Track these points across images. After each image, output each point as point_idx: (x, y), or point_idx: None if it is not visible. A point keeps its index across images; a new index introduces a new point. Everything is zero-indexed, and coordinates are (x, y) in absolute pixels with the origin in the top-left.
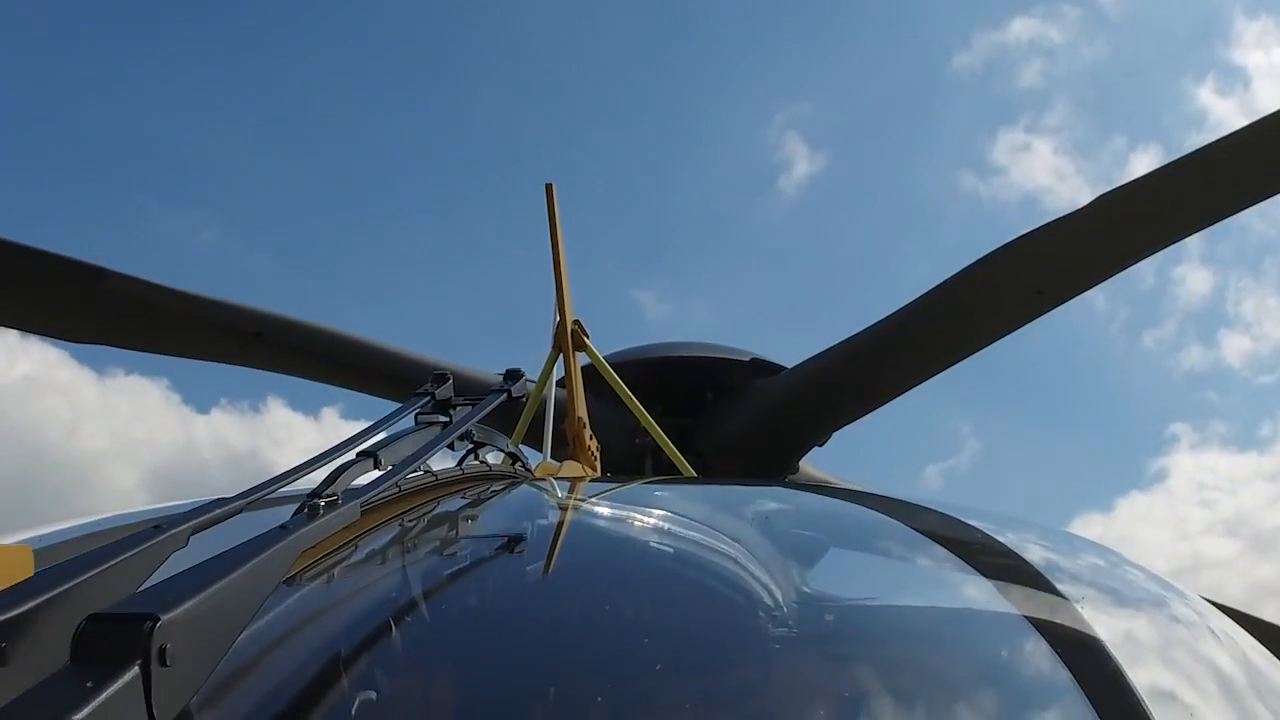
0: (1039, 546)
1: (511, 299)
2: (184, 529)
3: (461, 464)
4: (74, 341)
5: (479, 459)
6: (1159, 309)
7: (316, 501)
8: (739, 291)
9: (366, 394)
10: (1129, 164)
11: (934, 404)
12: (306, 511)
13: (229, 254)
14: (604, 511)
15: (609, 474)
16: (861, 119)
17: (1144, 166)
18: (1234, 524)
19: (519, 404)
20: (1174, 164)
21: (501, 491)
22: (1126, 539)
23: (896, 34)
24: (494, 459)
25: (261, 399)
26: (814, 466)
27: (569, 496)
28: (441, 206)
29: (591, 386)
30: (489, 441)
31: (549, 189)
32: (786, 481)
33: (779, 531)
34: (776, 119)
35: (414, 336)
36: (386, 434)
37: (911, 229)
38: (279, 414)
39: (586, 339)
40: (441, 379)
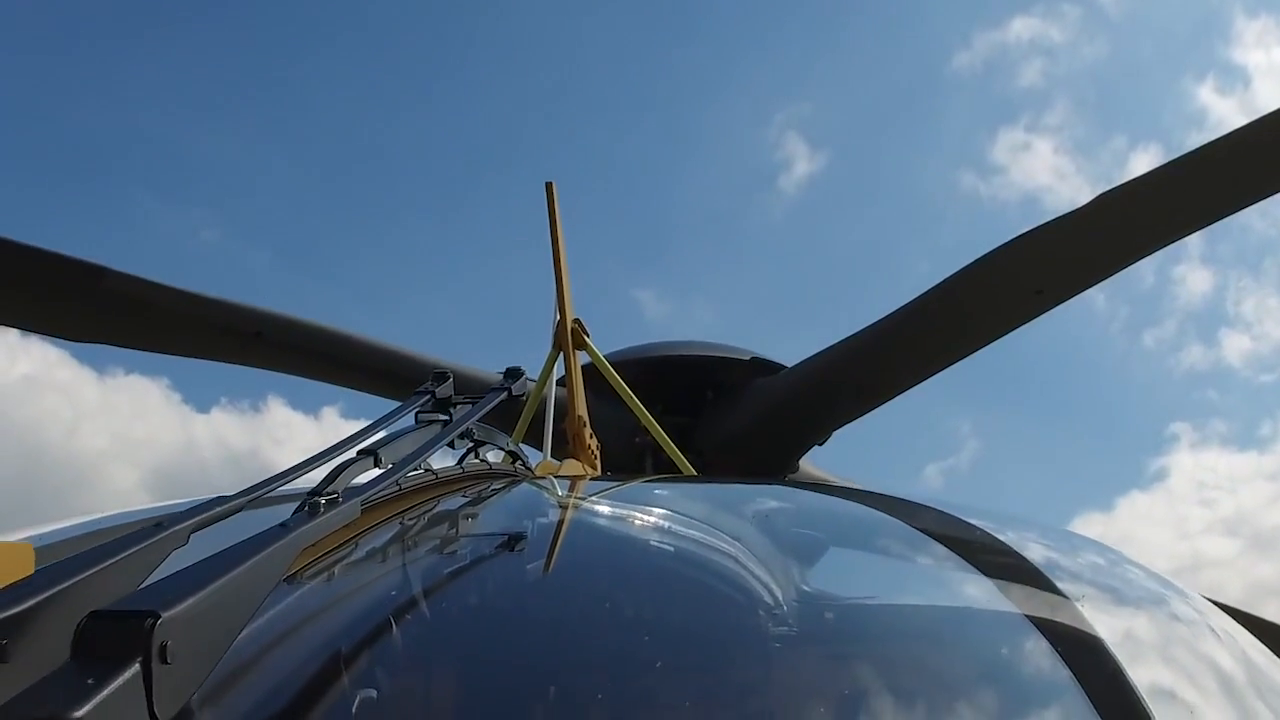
0: (1039, 545)
1: (511, 298)
2: (184, 527)
3: (462, 462)
4: (74, 340)
5: (479, 457)
6: (1159, 308)
7: (317, 500)
8: (739, 291)
9: (366, 393)
10: (1129, 163)
11: (934, 403)
12: (307, 510)
13: (229, 253)
14: (605, 510)
15: (609, 473)
16: (862, 118)
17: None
18: (1234, 523)
19: (519, 403)
20: (1174, 163)
21: (502, 490)
22: (1127, 538)
23: (897, 33)
24: (494, 458)
25: (262, 398)
26: (814, 466)
27: (569, 495)
28: (442, 205)
29: (592, 385)
30: (489, 440)
31: (549, 187)
32: (787, 480)
33: (779, 530)
34: (777, 118)
35: (414, 335)
36: (386, 432)
37: (912, 228)
38: (279, 413)
39: (587, 338)
40: (442, 377)
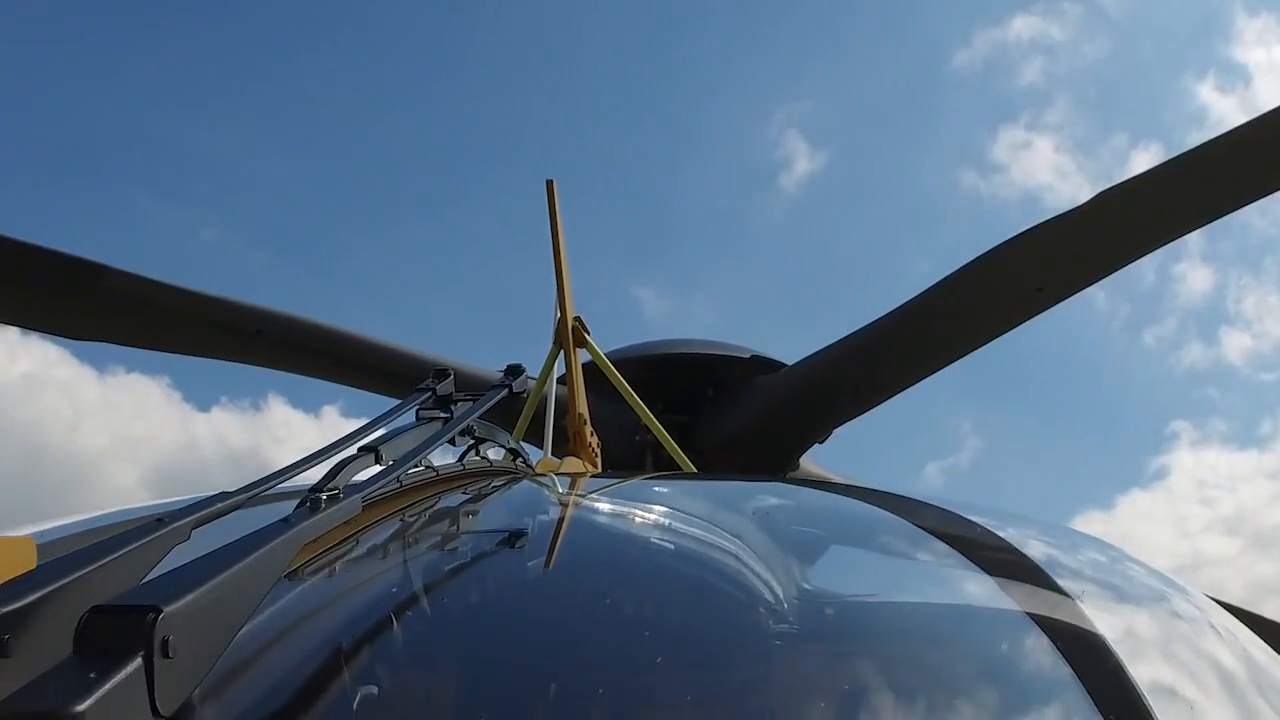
0: (1040, 542)
1: (512, 296)
2: (186, 523)
3: (463, 460)
4: (74, 338)
5: (480, 455)
6: (1159, 306)
7: (318, 496)
8: (739, 289)
9: (367, 391)
10: (1130, 161)
11: (935, 402)
12: (308, 506)
13: (229, 251)
14: (606, 507)
15: (610, 471)
16: (862, 116)
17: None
18: (1234, 522)
19: (520, 400)
20: (1174, 161)
21: (503, 487)
22: (1127, 536)
23: (897, 32)
24: (495, 455)
25: (262, 397)
26: (814, 464)
27: (570, 492)
28: (442, 203)
29: (592, 383)
30: (490, 437)
31: (549, 185)
32: (787, 478)
33: (780, 527)
34: (777, 116)
35: (414, 334)
36: (387, 429)
37: (912, 226)
38: (279, 412)
39: (587, 335)
40: (443, 375)
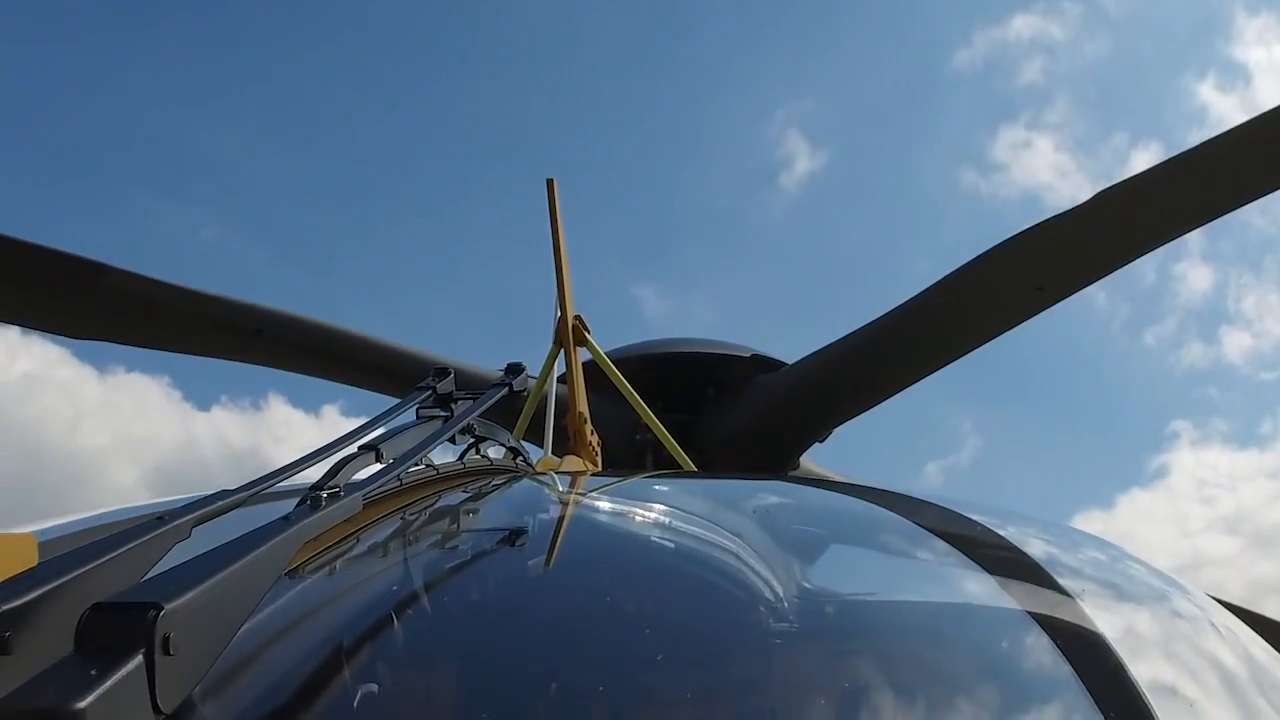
0: (1041, 541)
1: (512, 295)
2: (186, 521)
3: (463, 458)
4: (74, 337)
5: (480, 453)
6: (1160, 306)
7: (318, 494)
8: (740, 288)
9: (367, 390)
10: (1130, 160)
11: (935, 401)
12: (309, 504)
13: (229, 250)
14: (606, 505)
15: (610, 469)
16: (863, 116)
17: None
18: (1235, 521)
19: (520, 400)
20: (1174, 159)
21: (503, 485)
22: (1127, 536)
23: (897, 31)
24: (495, 454)
25: (262, 396)
26: (815, 463)
27: (571, 490)
28: (442, 202)
29: (593, 382)
30: (490, 436)
31: (550, 184)
32: (788, 477)
33: (781, 525)
34: (777, 115)
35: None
36: (388, 428)
37: (912, 226)
38: (280, 411)
39: (588, 334)
40: (443, 373)
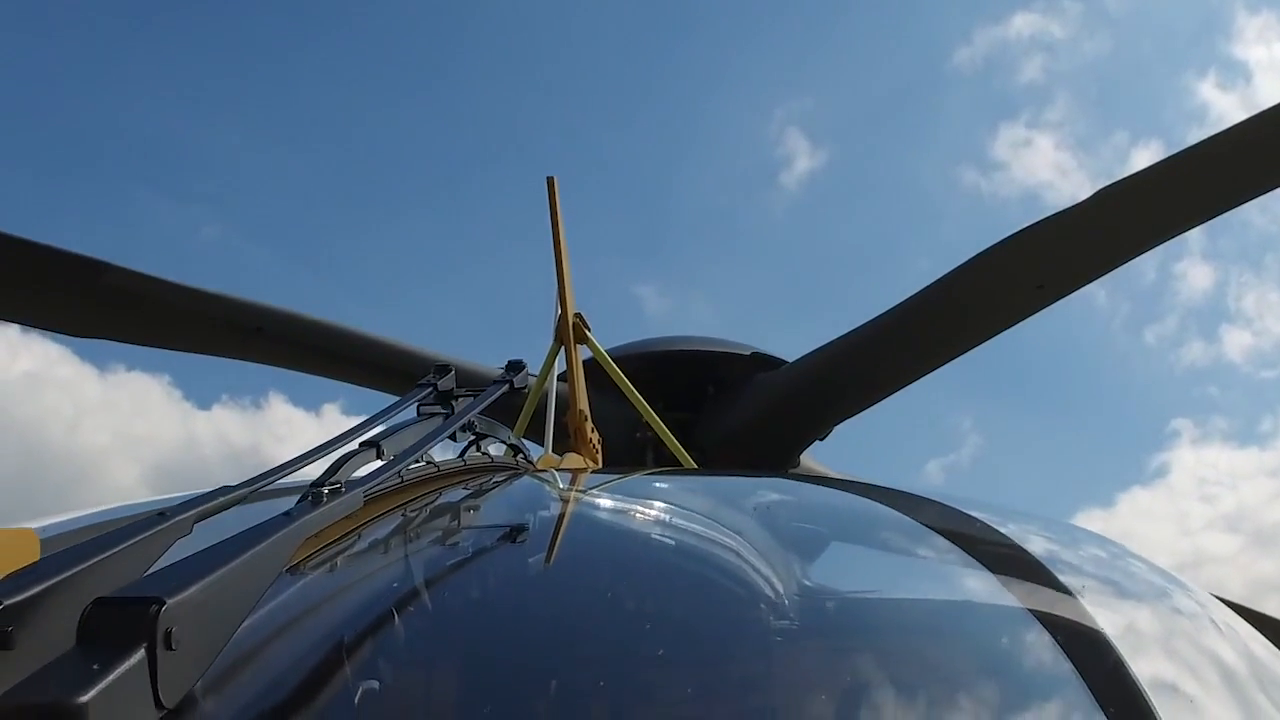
0: (1041, 538)
1: (512, 293)
2: (188, 517)
3: (464, 455)
4: (74, 335)
5: (481, 451)
6: (1160, 304)
7: (320, 490)
8: (740, 286)
9: (368, 388)
10: (1130, 159)
11: (935, 399)
12: (310, 500)
13: (230, 248)
14: (607, 503)
15: (611, 467)
16: (863, 114)
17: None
18: (1235, 519)
19: (521, 398)
20: (1174, 158)
21: (504, 482)
22: (1128, 534)
23: (898, 29)
24: (496, 452)
25: (263, 395)
26: (815, 461)
27: (572, 488)
28: (443, 201)
29: (593, 380)
30: (491, 433)
31: (550, 182)
32: (788, 474)
33: (781, 522)
34: (777, 114)
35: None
36: (389, 425)
37: (912, 224)
38: (280, 410)
39: (588, 332)
40: (444, 370)
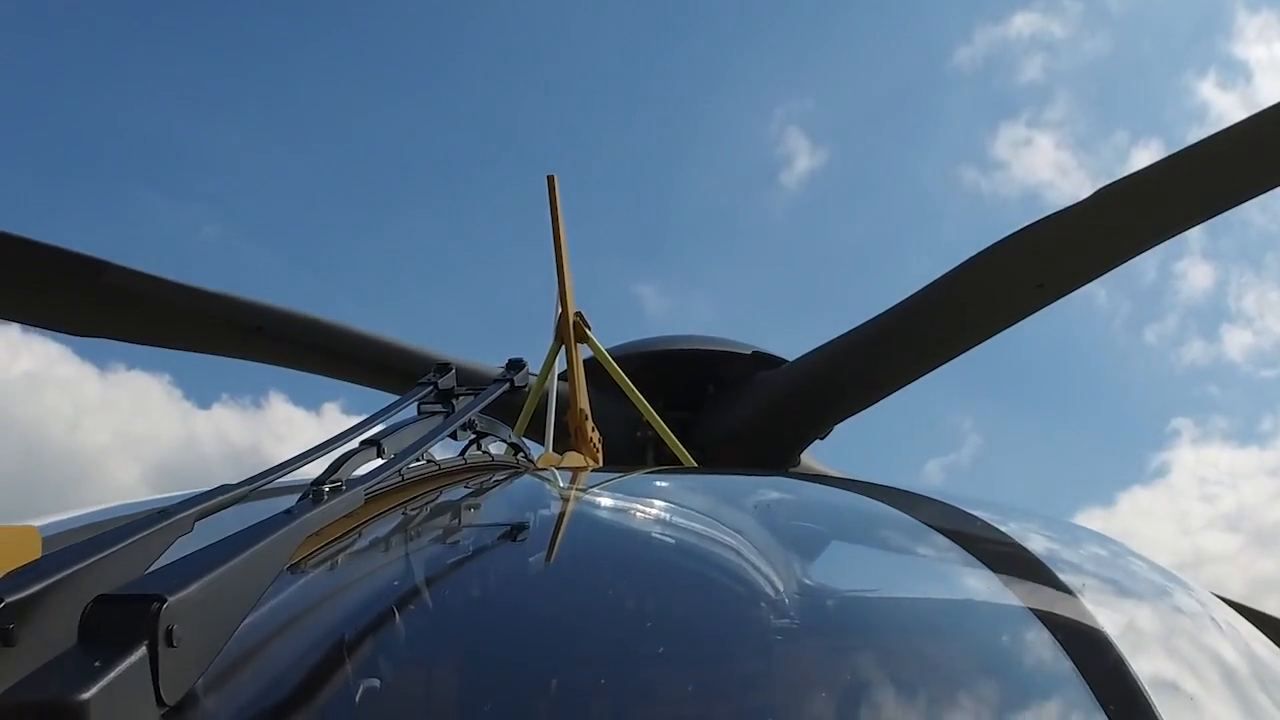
0: (1042, 537)
1: (513, 291)
2: (189, 515)
3: (464, 454)
4: (75, 334)
5: (482, 449)
6: (1160, 303)
7: (321, 489)
8: (740, 285)
9: (368, 387)
10: (1131, 158)
11: (935, 398)
12: (311, 498)
13: (230, 247)
14: (607, 501)
15: (611, 466)
16: (863, 113)
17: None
18: (1235, 519)
19: (521, 396)
20: (1174, 157)
21: (504, 481)
22: (1128, 534)
23: (898, 29)
24: (497, 450)
25: (263, 394)
26: (816, 460)
27: (572, 487)
28: (443, 199)
29: (594, 379)
30: (492, 432)
31: (550, 180)
32: (789, 473)
33: (782, 521)
34: (778, 113)
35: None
36: (389, 423)
37: (913, 223)
38: (281, 409)
39: (588, 331)
40: (444, 369)
